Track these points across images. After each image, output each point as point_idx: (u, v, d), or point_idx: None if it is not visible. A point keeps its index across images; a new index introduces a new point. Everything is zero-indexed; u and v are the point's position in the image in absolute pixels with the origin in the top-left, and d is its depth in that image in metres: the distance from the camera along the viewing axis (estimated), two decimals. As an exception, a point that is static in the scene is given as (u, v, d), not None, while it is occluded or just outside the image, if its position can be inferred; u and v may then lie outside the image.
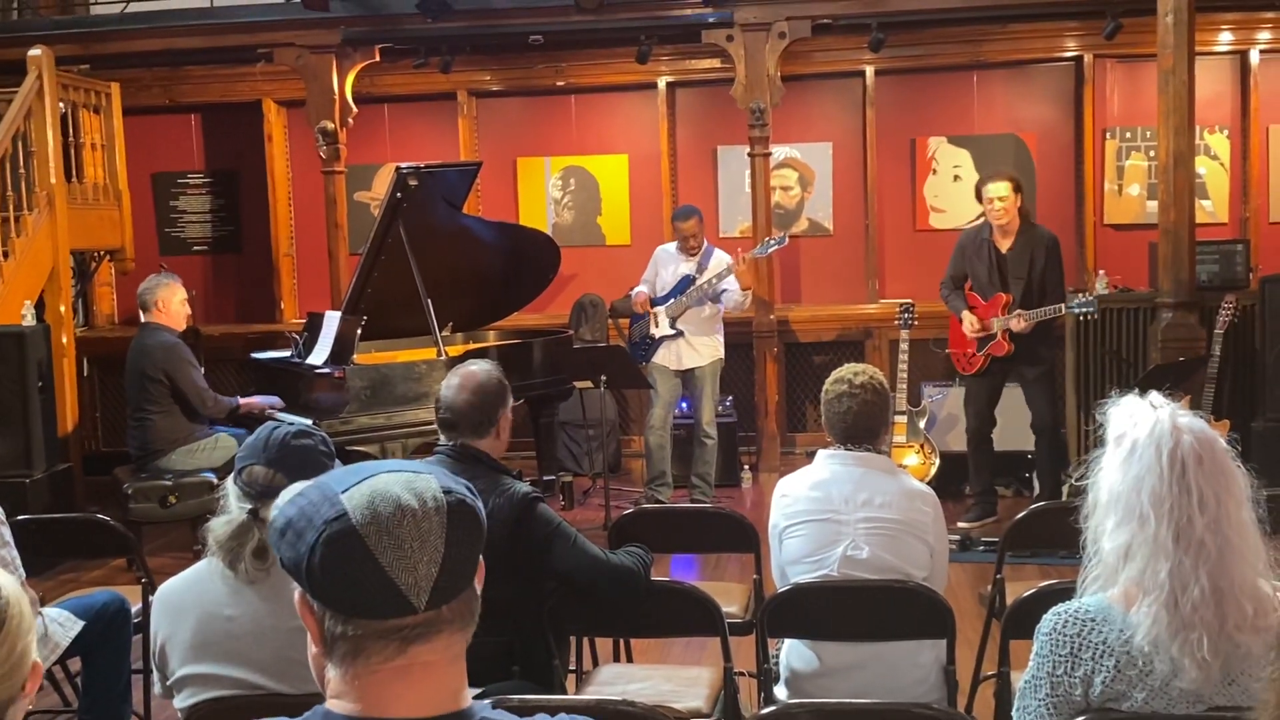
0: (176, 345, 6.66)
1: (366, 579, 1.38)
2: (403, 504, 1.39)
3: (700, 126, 9.64)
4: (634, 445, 9.23)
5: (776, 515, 3.67)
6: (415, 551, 1.38)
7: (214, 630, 2.71)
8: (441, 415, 3.63)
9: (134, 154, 9.30)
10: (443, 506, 1.41)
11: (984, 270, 7.03)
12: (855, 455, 3.60)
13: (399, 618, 1.39)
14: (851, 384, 3.60)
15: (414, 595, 1.38)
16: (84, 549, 5.40)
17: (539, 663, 3.56)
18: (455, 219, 7.49)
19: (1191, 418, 2.33)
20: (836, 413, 3.61)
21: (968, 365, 7.12)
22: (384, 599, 1.38)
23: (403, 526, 1.38)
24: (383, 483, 1.42)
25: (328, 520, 1.39)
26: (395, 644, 1.40)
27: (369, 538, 1.37)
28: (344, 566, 1.38)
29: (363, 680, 1.42)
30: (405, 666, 1.41)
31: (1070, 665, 2.34)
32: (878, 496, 3.53)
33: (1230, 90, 9.11)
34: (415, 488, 1.41)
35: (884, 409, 3.66)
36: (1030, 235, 6.99)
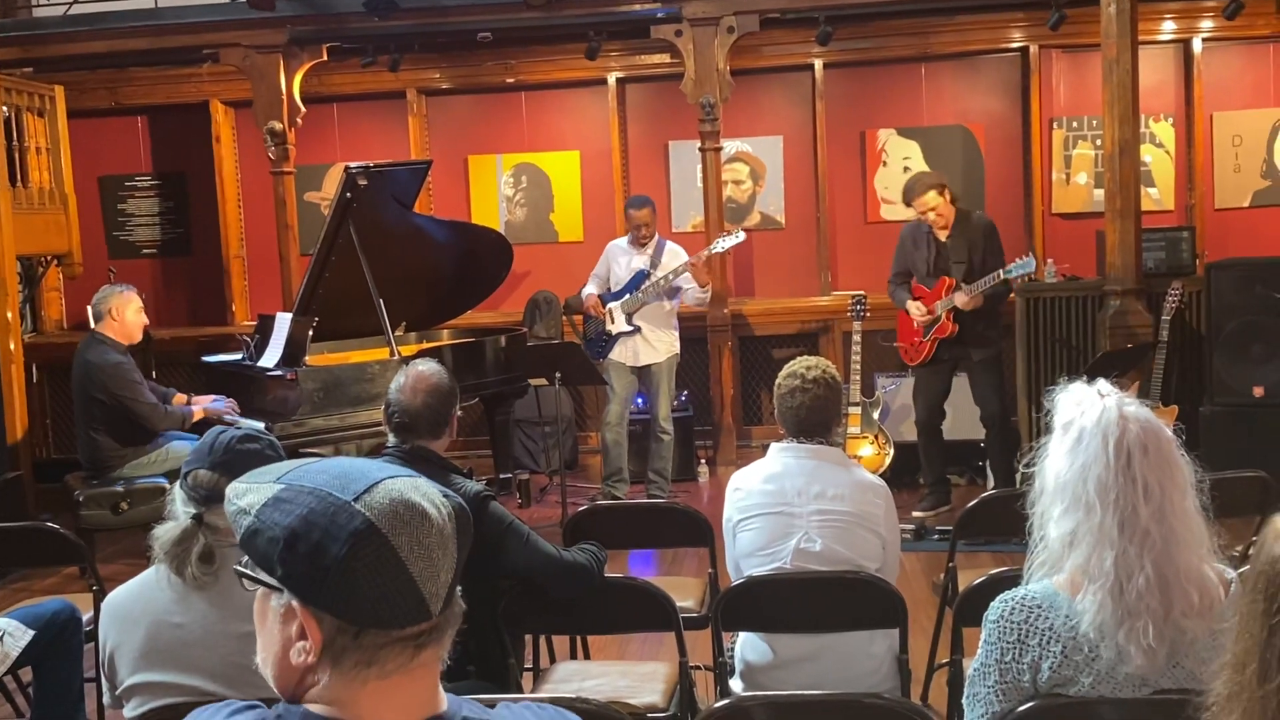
0: (120, 365, 6.50)
1: (396, 589, 1.36)
2: (424, 512, 1.39)
3: (651, 122, 9.65)
4: (591, 442, 9.23)
5: (730, 509, 3.69)
6: (440, 559, 1.39)
7: (163, 638, 2.69)
8: (396, 419, 3.60)
9: (80, 157, 9.20)
10: (452, 513, 1.42)
11: (924, 261, 7.10)
12: (808, 448, 3.62)
13: (416, 625, 1.39)
14: (804, 378, 3.62)
15: (434, 603, 1.38)
16: (35, 557, 5.35)
17: (495, 662, 3.56)
18: (406, 218, 7.46)
19: (1138, 407, 2.36)
20: (789, 407, 3.63)
21: (915, 355, 7.17)
22: (408, 608, 1.37)
23: (431, 535, 1.38)
24: (397, 489, 1.40)
25: (356, 532, 1.35)
26: (410, 650, 1.40)
27: (401, 549, 1.36)
28: (376, 577, 1.35)
29: (370, 686, 1.40)
30: (413, 670, 1.41)
31: (1018, 651, 2.36)
32: (830, 489, 3.56)
33: (1174, 79, 9.21)
34: (427, 494, 1.41)
35: (836, 402, 3.69)
36: (966, 223, 7.06)
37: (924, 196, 6.94)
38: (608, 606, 3.71)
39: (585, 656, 4.63)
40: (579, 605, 3.68)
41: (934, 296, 7.01)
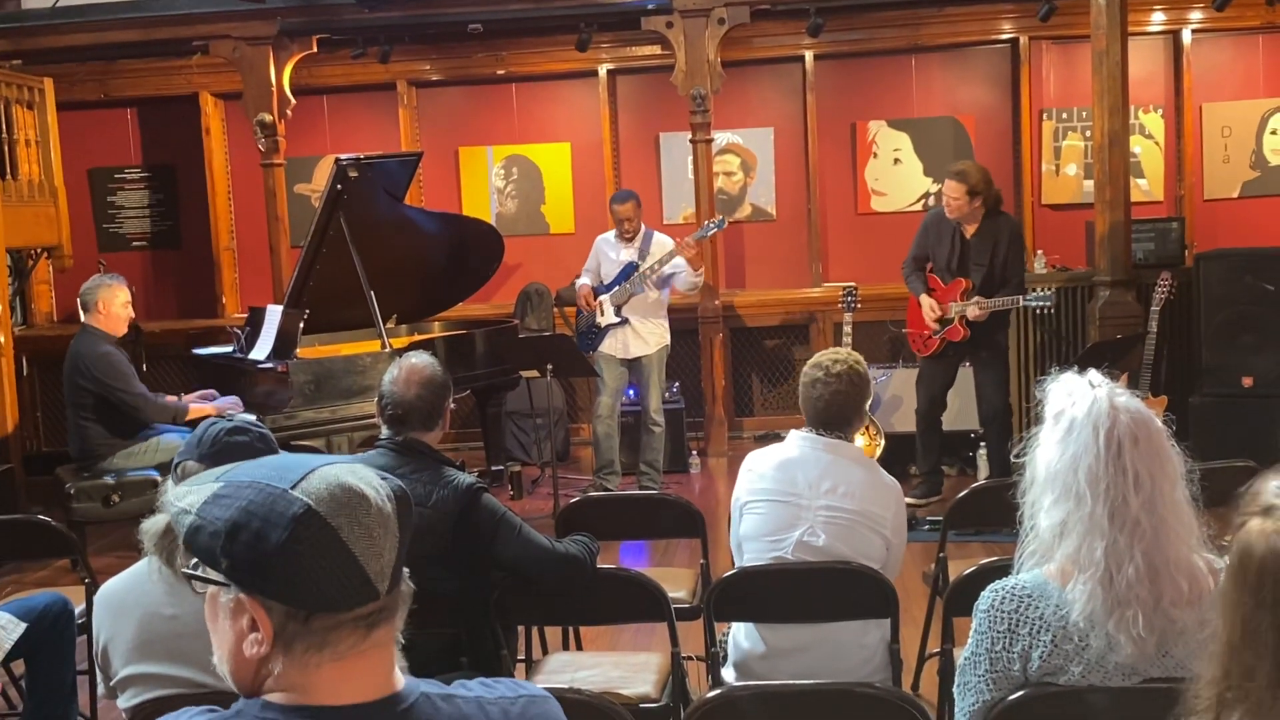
0: (109, 355, 6.49)
1: (341, 570, 1.39)
2: (362, 493, 1.42)
3: (642, 113, 9.64)
4: (582, 434, 9.24)
5: (740, 488, 3.68)
6: (381, 538, 1.41)
7: (156, 629, 2.69)
8: (390, 411, 3.61)
9: (69, 149, 9.17)
10: (391, 494, 1.45)
11: (945, 254, 7.00)
12: (827, 441, 3.60)
13: (364, 605, 1.41)
14: (828, 371, 3.60)
15: (380, 581, 1.41)
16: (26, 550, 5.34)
17: (487, 653, 3.57)
18: (397, 210, 7.45)
19: (1129, 397, 2.37)
20: (809, 397, 3.62)
21: (924, 347, 7.13)
22: (354, 588, 1.40)
23: (370, 515, 1.41)
24: (333, 474, 1.43)
25: (295, 516, 1.37)
26: (361, 630, 1.42)
27: (341, 529, 1.39)
28: (319, 560, 1.38)
29: (325, 670, 1.42)
30: (366, 650, 1.43)
31: (1008, 640, 2.37)
32: (842, 485, 3.54)
33: (1163, 70, 9.23)
34: (363, 477, 1.44)
35: (858, 397, 3.65)
36: (995, 223, 6.93)
37: (951, 182, 6.86)
38: (600, 597, 3.72)
39: (578, 647, 4.64)
40: (571, 596, 3.68)
41: (948, 296, 6.95)
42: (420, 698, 1.49)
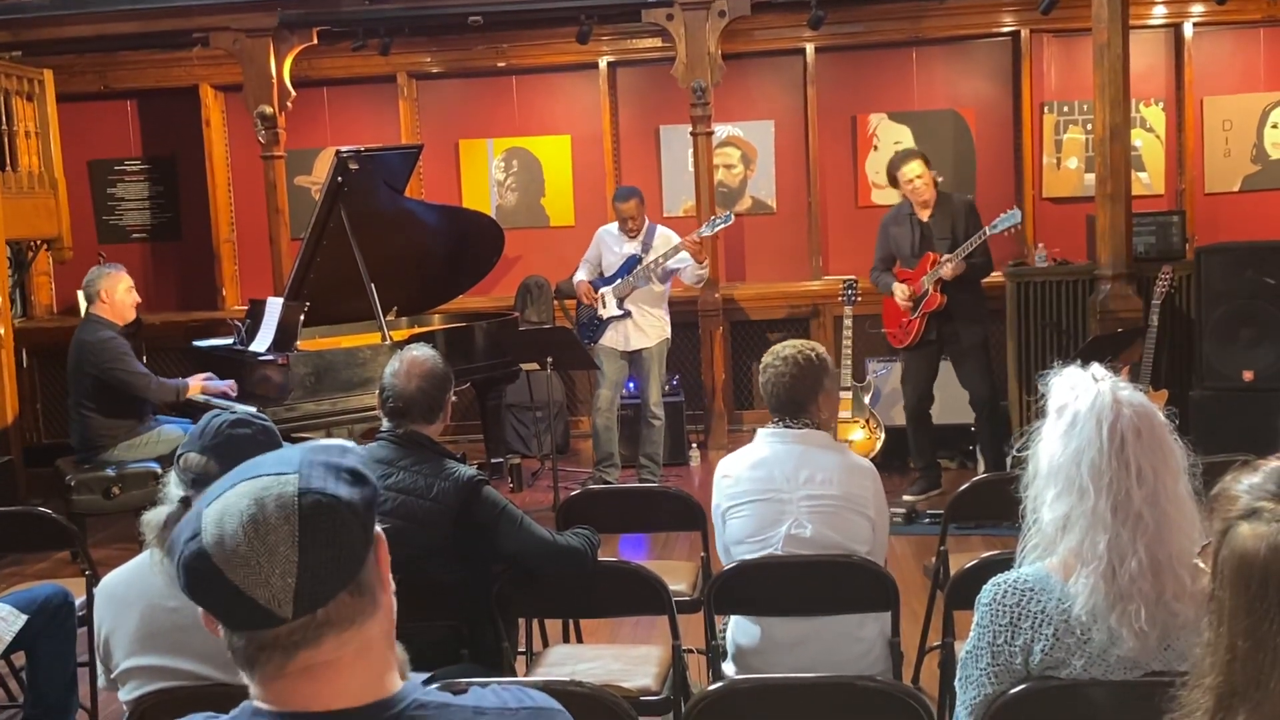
0: (111, 340, 6.52)
1: (226, 597, 1.37)
2: (247, 519, 1.37)
3: (642, 106, 9.63)
4: (582, 426, 9.24)
5: (719, 496, 3.69)
6: (265, 565, 1.35)
7: (158, 621, 2.69)
8: (390, 404, 3.61)
9: (69, 141, 9.16)
10: (292, 514, 1.37)
11: (908, 242, 7.11)
12: (795, 433, 3.62)
13: (272, 629, 1.38)
14: (777, 356, 3.67)
15: (276, 607, 1.36)
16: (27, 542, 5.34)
17: (488, 646, 3.57)
18: (397, 202, 7.44)
19: (1132, 391, 2.37)
20: (766, 387, 3.67)
21: (904, 336, 7.16)
22: (248, 614, 1.37)
23: (248, 542, 1.36)
24: (235, 495, 1.40)
25: (186, 541, 1.39)
26: (280, 652, 1.40)
27: (216, 557, 1.36)
28: (203, 587, 1.38)
29: (271, 684, 1.43)
30: (306, 668, 1.41)
31: (1010, 634, 2.38)
32: (819, 474, 3.55)
33: (1165, 63, 9.22)
34: (264, 497, 1.38)
35: (810, 380, 3.64)
36: (947, 202, 7.11)
37: (908, 165, 6.99)
38: (601, 590, 3.72)
39: (578, 640, 4.65)
40: (572, 589, 3.69)
41: (919, 274, 7.02)
42: (411, 704, 1.46)
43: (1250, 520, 1.66)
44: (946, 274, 6.87)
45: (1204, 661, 1.67)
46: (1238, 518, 1.67)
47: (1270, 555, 1.62)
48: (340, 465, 1.45)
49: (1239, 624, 1.62)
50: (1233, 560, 1.65)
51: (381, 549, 1.49)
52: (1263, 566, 1.62)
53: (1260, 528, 1.64)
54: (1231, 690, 1.62)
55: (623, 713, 2.60)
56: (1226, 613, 1.64)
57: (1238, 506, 1.69)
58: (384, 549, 1.50)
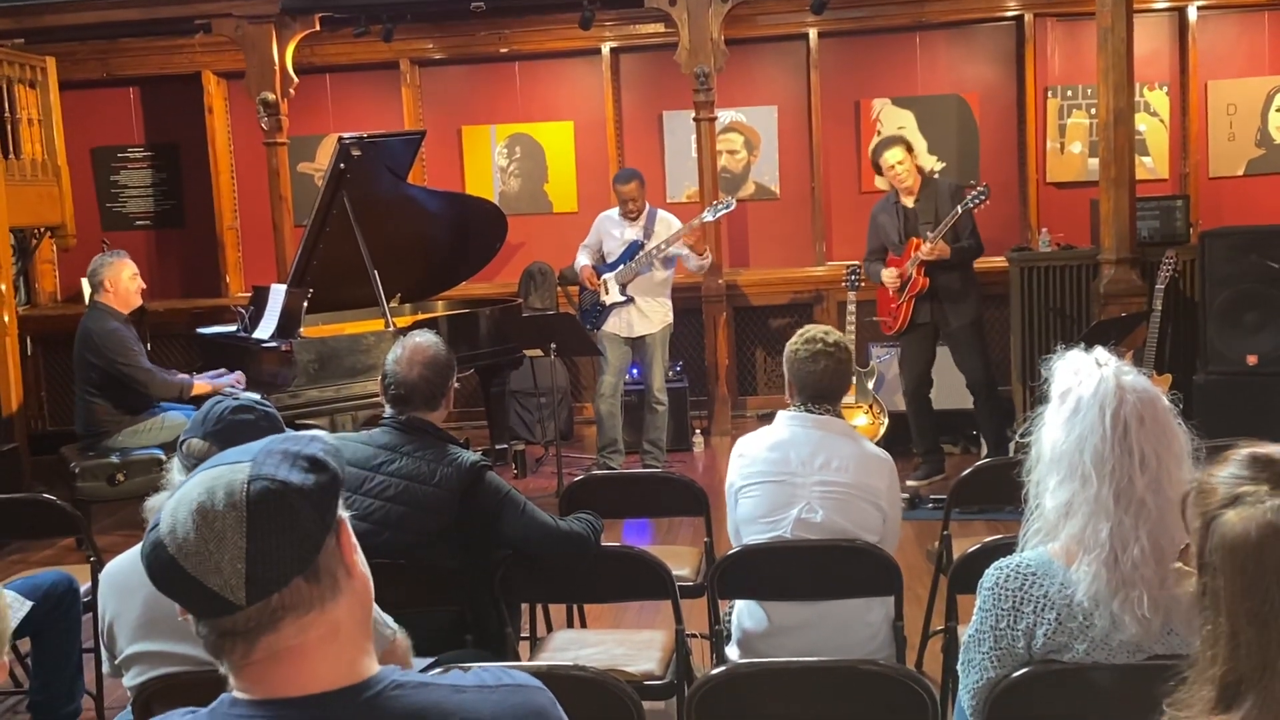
0: (116, 332, 6.51)
1: (183, 586, 1.40)
2: (196, 507, 1.40)
3: (645, 92, 9.61)
4: (586, 412, 9.24)
5: (734, 474, 3.68)
6: (215, 552, 1.38)
7: (161, 607, 2.68)
8: (393, 391, 3.61)
9: (72, 129, 9.16)
10: (239, 501, 1.39)
11: (895, 230, 7.11)
12: (815, 418, 3.61)
13: (229, 615, 1.40)
14: (825, 343, 3.62)
15: (229, 594, 1.39)
16: (31, 529, 5.36)
17: (491, 631, 3.58)
18: (400, 189, 7.44)
19: (1135, 376, 2.36)
20: (810, 372, 3.61)
21: (894, 323, 7.17)
22: (206, 602, 1.40)
23: (197, 530, 1.39)
24: (190, 484, 1.43)
25: (148, 532, 1.44)
26: (242, 640, 1.42)
27: (170, 547, 1.40)
28: (161, 576, 1.42)
29: (241, 672, 1.45)
30: (271, 655, 1.43)
31: (1012, 618, 2.38)
32: (835, 460, 3.55)
33: (1169, 47, 9.19)
34: (215, 486, 1.41)
35: (850, 370, 3.72)
36: (932, 186, 7.12)
37: (889, 152, 6.99)
38: (604, 575, 3.72)
39: (582, 625, 4.66)
40: (575, 574, 3.69)
41: (904, 259, 7.03)
42: (389, 685, 1.48)
43: (1234, 507, 1.66)
44: (924, 254, 6.84)
45: (1204, 654, 1.65)
46: (1220, 507, 1.67)
47: (1262, 534, 1.62)
48: (299, 453, 1.46)
49: (1240, 609, 1.61)
50: (1224, 548, 1.64)
51: (344, 534, 1.50)
52: (1257, 547, 1.62)
53: (1246, 511, 1.64)
54: (1238, 678, 1.60)
55: (626, 697, 2.61)
56: (1224, 601, 1.63)
57: (1217, 497, 1.69)
58: (347, 533, 1.50)
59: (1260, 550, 1.61)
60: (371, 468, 3.51)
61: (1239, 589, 1.62)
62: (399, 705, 1.47)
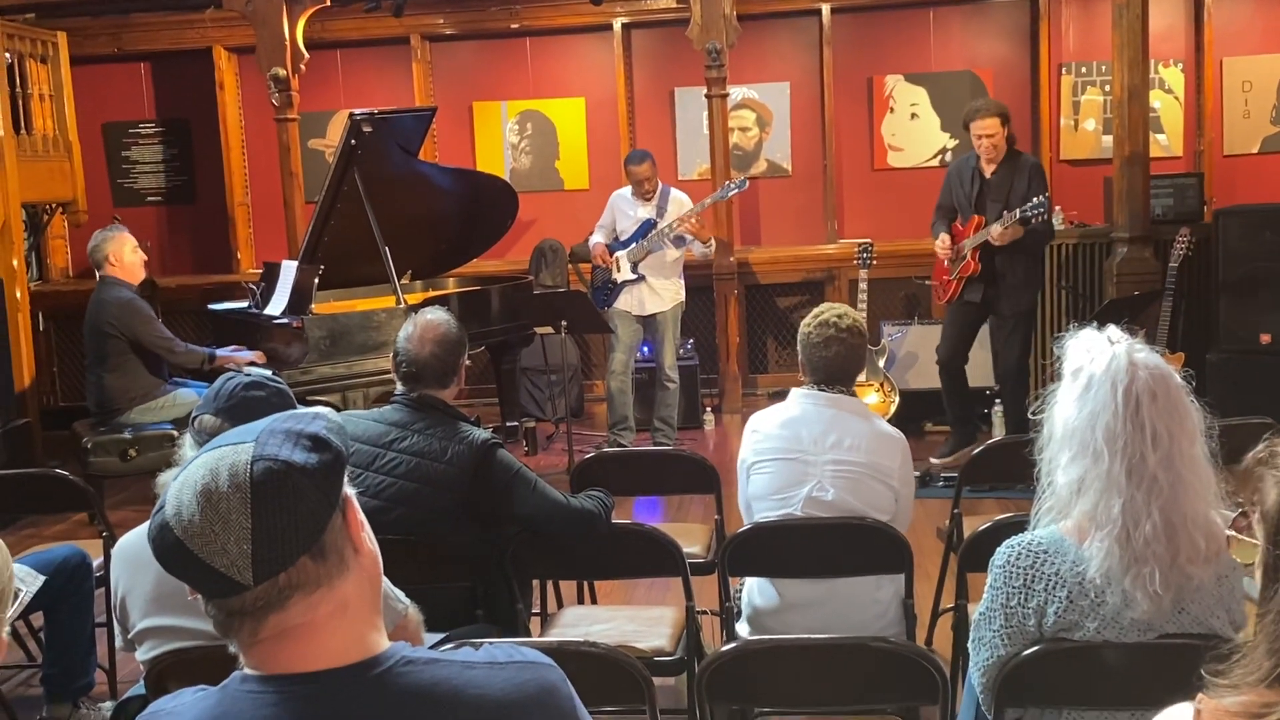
0: (132, 301, 6.52)
1: (191, 567, 1.41)
2: (201, 489, 1.40)
3: (657, 68, 9.58)
4: (596, 390, 9.24)
5: (746, 450, 3.68)
6: (220, 533, 1.39)
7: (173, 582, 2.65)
8: (404, 369, 3.61)
9: (83, 104, 9.15)
10: (243, 482, 1.40)
11: (966, 196, 6.83)
12: (829, 396, 3.61)
13: (237, 595, 1.41)
14: (838, 327, 3.60)
15: (236, 574, 1.39)
16: (44, 504, 5.37)
17: (502, 607, 3.59)
18: (411, 165, 7.42)
19: (1148, 353, 2.35)
20: (822, 356, 3.60)
21: (943, 293, 7.01)
22: (214, 582, 1.41)
23: (202, 512, 1.39)
24: (193, 467, 1.44)
25: (155, 514, 1.44)
26: (250, 619, 1.43)
27: (176, 529, 1.40)
28: (168, 558, 1.42)
29: (251, 650, 1.46)
30: (280, 632, 1.44)
31: (1024, 596, 2.38)
32: (847, 439, 3.55)
33: (1184, 24, 9.13)
34: (218, 466, 1.42)
35: (864, 352, 3.71)
36: (1014, 162, 6.74)
37: (985, 120, 6.63)
38: (615, 552, 3.73)
39: (592, 601, 4.66)
40: (586, 551, 3.70)
41: (964, 233, 6.80)
42: (399, 661, 1.48)
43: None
44: (994, 238, 6.53)
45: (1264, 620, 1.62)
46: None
47: None
48: (302, 432, 1.46)
49: None
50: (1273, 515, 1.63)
51: (351, 511, 1.50)
52: None
53: None
54: None
55: (637, 673, 2.61)
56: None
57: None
58: (354, 511, 1.51)
59: None
60: (383, 445, 3.52)
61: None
62: (408, 681, 1.47)
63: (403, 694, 1.46)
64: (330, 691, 1.45)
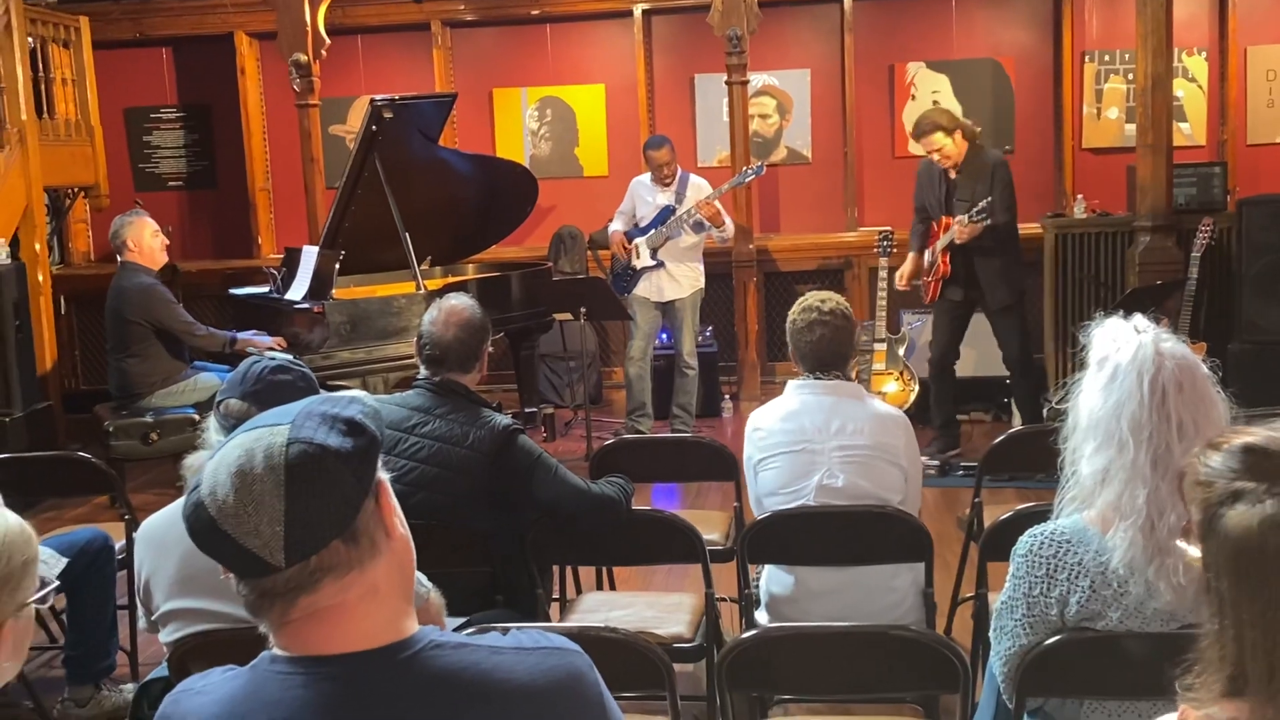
0: (153, 286, 6.56)
1: (225, 547, 1.42)
2: (235, 470, 1.41)
3: (677, 55, 9.56)
4: (615, 377, 9.25)
5: (750, 449, 3.68)
6: (253, 515, 1.40)
7: (198, 565, 2.69)
8: (428, 351, 3.62)
9: (105, 89, 9.18)
10: (278, 465, 1.41)
11: (935, 199, 6.92)
12: (825, 384, 3.61)
13: (269, 576, 1.42)
14: (820, 311, 3.61)
15: (269, 555, 1.40)
16: (66, 487, 5.40)
17: (522, 591, 3.59)
18: (431, 151, 7.43)
19: (1174, 343, 2.34)
20: (808, 341, 3.61)
21: (926, 294, 7.08)
22: (246, 563, 1.42)
23: (236, 493, 1.40)
24: (230, 447, 1.45)
25: (189, 493, 1.46)
26: (281, 600, 1.44)
27: (211, 508, 1.41)
28: (202, 538, 1.44)
29: (281, 631, 1.47)
30: (311, 614, 1.45)
31: (1046, 586, 2.37)
32: (850, 424, 3.55)
33: (1208, 12, 9.07)
34: (254, 448, 1.43)
35: (851, 334, 3.68)
36: (977, 160, 6.76)
37: (930, 137, 6.72)
38: (635, 538, 3.74)
39: (611, 587, 4.67)
40: (606, 537, 3.70)
41: (937, 237, 6.89)
42: (427, 644, 1.49)
43: (1235, 504, 1.59)
44: (957, 238, 6.63)
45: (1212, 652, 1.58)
46: (1219, 503, 1.60)
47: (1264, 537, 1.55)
48: (337, 415, 1.47)
49: (1244, 613, 1.55)
50: (1228, 548, 1.58)
51: (384, 496, 1.51)
52: (1259, 549, 1.55)
53: (1247, 509, 1.57)
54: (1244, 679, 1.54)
55: (658, 659, 2.62)
56: (1229, 604, 1.57)
57: (1215, 492, 1.62)
58: (387, 496, 1.51)
59: (1263, 554, 1.55)
60: (405, 429, 3.53)
61: (1244, 592, 1.56)
62: (436, 664, 1.48)
63: (431, 677, 1.47)
64: (359, 673, 1.45)
